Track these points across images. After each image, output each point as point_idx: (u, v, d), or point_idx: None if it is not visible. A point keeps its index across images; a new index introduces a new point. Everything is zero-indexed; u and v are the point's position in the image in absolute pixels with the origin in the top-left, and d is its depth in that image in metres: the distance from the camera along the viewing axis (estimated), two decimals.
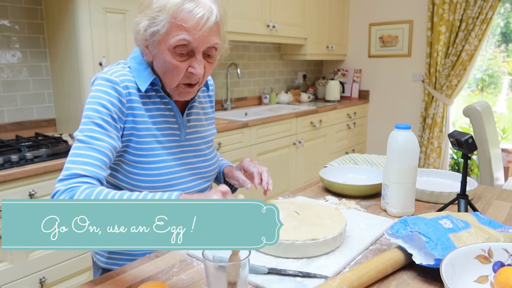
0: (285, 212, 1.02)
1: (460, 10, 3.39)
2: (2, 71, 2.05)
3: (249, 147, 2.71)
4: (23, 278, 1.65)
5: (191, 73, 0.92)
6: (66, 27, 2.02)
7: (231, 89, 3.39)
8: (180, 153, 1.02)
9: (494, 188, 1.40)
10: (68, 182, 0.82)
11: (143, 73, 0.96)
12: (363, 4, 4.05)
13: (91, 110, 0.90)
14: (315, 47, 3.70)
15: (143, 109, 0.96)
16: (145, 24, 0.88)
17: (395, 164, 1.11)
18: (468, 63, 3.41)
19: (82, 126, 0.89)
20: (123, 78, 0.94)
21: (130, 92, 0.94)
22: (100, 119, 0.89)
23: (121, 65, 0.98)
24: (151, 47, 0.91)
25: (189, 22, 0.85)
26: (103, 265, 1.07)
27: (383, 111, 4.10)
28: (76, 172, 0.83)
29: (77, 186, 0.81)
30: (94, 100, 0.91)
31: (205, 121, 1.12)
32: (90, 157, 0.86)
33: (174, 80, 0.93)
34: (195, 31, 0.86)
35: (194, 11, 0.85)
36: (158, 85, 0.98)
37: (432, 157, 3.70)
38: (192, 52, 0.90)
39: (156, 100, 0.99)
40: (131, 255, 1.03)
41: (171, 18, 0.85)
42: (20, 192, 1.59)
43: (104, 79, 0.92)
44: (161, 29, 0.87)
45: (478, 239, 0.81)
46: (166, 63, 0.90)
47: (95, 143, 0.87)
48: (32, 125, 2.17)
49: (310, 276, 0.81)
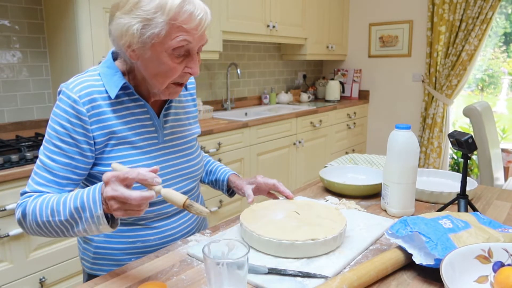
0: (285, 212, 1.02)
1: (460, 10, 3.39)
2: (2, 71, 2.05)
3: (249, 147, 2.71)
4: (23, 278, 1.65)
5: (187, 73, 0.92)
6: (66, 27, 2.02)
7: (231, 89, 3.39)
8: (160, 156, 1.00)
9: (494, 188, 1.40)
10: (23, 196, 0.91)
11: (113, 78, 0.93)
12: (363, 4, 4.05)
13: (51, 129, 0.91)
14: (315, 47, 3.70)
15: (114, 117, 0.94)
16: (139, 26, 0.84)
17: (395, 164, 1.11)
18: (468, 63, 3.41)
19: (44, 143, 0.92)
20: (87, 91, 0.91)
21: (95, 105, 0.91)
22: (58, 140, 0.90)
23: (90, 72, 0.96)
24: (139, 49, 0.87)
25: (190, 24, 0.85)
26: (88, 271, 1.06)
27: (383, 111, 4.10)
28: (27, 190, 0.91)
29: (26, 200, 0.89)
30: (54, 118, 0.91)
31: (186, 120, 1.10)
32: (42, 178, 0.90)
33: (166, 81, 0.92)
34: (195, 32, 0.87)
35: (195, 12, 0.85)
36: (130, 88, 0.95)
37: (432, 157, 3.70)
38: (187, 52, 0.90)
39: (130, 105, 0.96)
40: (115, 260, 1.02)
41: (171, 20, 0.84)
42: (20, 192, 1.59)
43: (65, 94, 0.91)
44: (159, 31, 0.84)
45: (478, 239, 0.81)
46: (162, 65, 0.88)
47: (50, 164, 0.90)
48: (32, 125, 2.17)
49: (310, 276, 0.81)
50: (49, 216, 0.83)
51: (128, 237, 1.00)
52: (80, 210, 0.79)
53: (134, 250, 1.01)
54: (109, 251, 1.01)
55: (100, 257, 1.02)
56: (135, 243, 1.00)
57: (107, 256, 1.02)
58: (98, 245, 1.02)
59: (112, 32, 0.89)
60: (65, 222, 0.82)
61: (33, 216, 0.85)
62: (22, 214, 0.87)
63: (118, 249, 1.01)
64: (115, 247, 1.01)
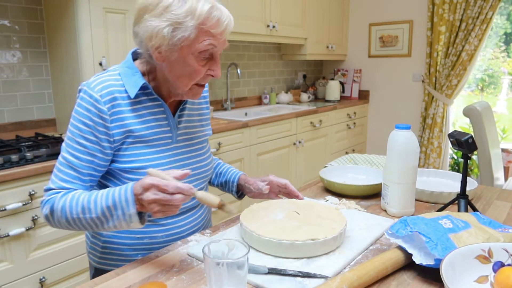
0: (285, 212, 1.03)
1: (460, 10, 3.39)
2: (2, 71, 2.05)
3: (249, 147, 2.71)
4: (23, 278, 1.65)
5: (209, 75, 0.97)
6: (66, 27, 2.02)
7: (231, 89, 3.39)
8: (173, 155, 1.02)
9: (494, 188, 1.40)
10: (48, 193, 0.93)
11: (132, 78, 0.97)
12: (363, 4, 4.05)
13: (74, 127, 0.94)
14: (315, 47, 3.70)
15: (133, 116, 0.97)
16: (169, 29, 0.87)
17: (395, 164, 1.11)
18: (468, 63, 3.41)
19: (66, 141, 0.95)
20: (107, 91, 0.94)
21: (116, 104, 0.95)
22: (81, 138, 0.93)
23: (110, 72, 0.98)
24: (167, 52, 0.90)
25: (217, 29, 0.90)
26: (95, 265, 1.08)
27: (383, 111, 4.10)
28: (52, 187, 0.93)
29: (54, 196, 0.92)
30: (77, 116, 0.94)
31: (198, 122, 1.13)
32: (67, 175, 0.93)
33: (190, 83, 0.96)
34: (220, 37, 0.92)
35: (222, 18, 0.90)
36: (149, 88, 0.98)
37: (432, 157, 3.70)
38: (211, 55, 0.95)
39: (148, 105, 0.99)
40: (123, 255, 1.04)
41: (200, 25, 0.88)
42: (20, 192, 1.59)
43: (87, 94, 0.93)
44: (189, 34, 0.88)
45: (478, 239, 0.81)
46: (188, 67, 0.92)
47: (74, 161, 0.93)
48: (32, 125, 2.17)
49: (310, 276, 0.81)
50: (79, 213, 0.88)
51: (136, 233, 1.02)
52: (112, 208, 0.85)
53: (142, 246, 1.03)
54: (117, 246, 1.03)
55: (108, 252, 1.05)
56: (142, 239, 1.02)
57: (115, 251, 1.04)
58: (106, 240, 1.04)
59: (139, 34, 0.92)
60: (96, 219, 0.87)
61: (63, 212, 0.89)
62: (51, 210, 0.91)
63: (126, 245, 1.03)
64: (123, 242, 1.03)
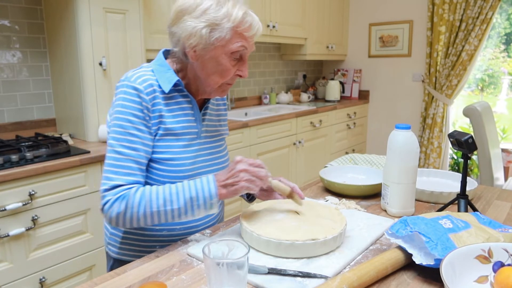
0: (285, 212, 1.03)
1: (460, 10, 3.39)
2: (2, 71, 2.05)
3: (249, 147, 2.71)
4: (23, 278, 1.65)
5: (237, 76, 1.04)
6: (66, 27, 2.02)
7: (231, 89, 3.39)
8: (197, 150, 1.08)
9: (494, 188, 1.40)
10: (115, 190, 0.94)
11: (165, 75, 1.03)
12: (363, 4, 4.05)
13: (123, 120, 0.97)
14: (315, 47, 3.70)
15: (166, 110, 1.03)
16: (207, 30, 0.96)
17: (395, 164, 1.11)
18: (468, 63, 3.41)
19: (116, 135, 0.97)
20: (147, 84, 1.00)
21: (155, 96, 1.01)
22: (134, 129, 0.98)
23: (144, 68, 1.05)
24: (201, 50, 0.98)
25: (249, 33, 1.00)
26: (114, 256, 1.12)
27: (383, 111, 4.10)
28: (119, 183, 0.94)
29: (126, 192, 0.93)
30: (124, 109, 0.98)
31: (218, 121, 1.19)
32: (129, 168, 0.96)
33: (220, 81, 1.03)
34: (250, 40, 1.02)
35: (253, 24, 1.00)
36: (181, 85, 1.05)
37: (432, 157, 3.70)
38: (241, 57, 1.02)
39: (179, 100, 1.06)
40: (142, 246, 1.08)
41: (235, 27, 0.97)
42: (20, 192, 1.59)
43: (130, 87, 0.99)
44: (225, 35, 0.96)
45: (478, 239, 0.81)
46: (220, 65, 1.00)
47: (132, 153, 0.97)
48: (32, 125, 2.17)
49: (310, 276, 0.81)
50: (160, 206, 0.93)
51: (156, 225, 1.06)
52: (195, 199, 0.94)
53: (160, 238, 1.07)
54: (137, 237, 1.08)
55: (128, 243, 1.09)
56: (161, 231, 1.06)
57: (134, 242, 1.08)
58: (126, 231, 1.09)
59: (177, 33, 0.99)
60: (177, 210, 0.94)
61: (141, 206, 0.93)
62: (126, 206, 0.93)
63: (145, 236, 1.07)
64: (142, 234, 1.07)
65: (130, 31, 2.13)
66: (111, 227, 1.12)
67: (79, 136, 2.12)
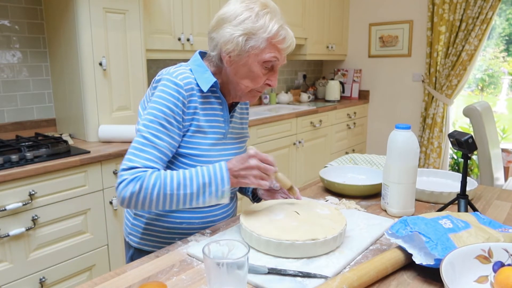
0: (285, 212, 1.03)
1: (460, 10, 3.39)
2: (2, 71, 2.05)
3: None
4: (23, 278, 1.65)
5: (267, 85, 1.10)
6: (66, 27, 2.02)
7: None
8: (222, 150, 1.13)
9: (494, 188, 1.40)
10: (132, 171, 0.96)
11: (203, 75, 1.09)
12: (363, 4, 4.05)
13: (157, 110, 1.02)
14: (315, 47, 3.70)
15: (200, 108, 1.08)
16: (244, 38, 1.02)
17: (395, 164, 1.11)
18: (468, 63, 3.41)
19: (147, 123, 1.01)
20: (187, 81, 1.05)
21: (192, 93, 1.06)
22: (164, 120, 1.02)
23: (183, 67, 1.10)
24: (236, 57, 1.04)
25: (282, 45, 1.05)
26: (135, 245, 1.17)
27: (383, 111, 4.10)
28: (137, 166, 0.98)
29: (142, 173, 0.96)
30: (160, 100, 1.02)
31: (241, 124, 1.24)
32: (150, 154, 1.00)
33: (250, 86, 1.09)
34: (283, 52, 1.07)
35: (287, 37, 1.06)
36: (216, 87, 1.10)
37: (432, 157, 3.70)
38: (272, 67, 1.08)
39: (212, 100, 1.11)
40: (162, 237, 1.13)
41: (270, 38, 1.03)
42: (20, 192, 1.59)
43: (171, 81, 1.04)
44: (259, 44, 1.03)
45: (478, 239, 0.81)
46: (252, 72, 1.06)
47: (157, 142, 1.01)
48: (32, 125, 2.17)
49: (310, 276, 0.81)
50: (174, 189, 0.96)
51: (176, 218, 1.11)
52: (207, 185, 0.97)
53: (180, 230, 1.12)
54: (158, 228, 1.13)
55: (149, 233, 1.14)
56: (181, 224, 1.12)
57: (155, 233, 1.13)
58: (148, 222, 1.13)
59: (216, 39, 1.06)
60: (189, 195, 0.97)
61: (154, 188, 0.95)
62: (140, 187, 0.94)
63: (165, 228, 1.12)
64: (163, 225, 1.12)
65: (130, 31, 2.13)
66: (133, 218, 1.16)
67: (79, 136, 2.12)
